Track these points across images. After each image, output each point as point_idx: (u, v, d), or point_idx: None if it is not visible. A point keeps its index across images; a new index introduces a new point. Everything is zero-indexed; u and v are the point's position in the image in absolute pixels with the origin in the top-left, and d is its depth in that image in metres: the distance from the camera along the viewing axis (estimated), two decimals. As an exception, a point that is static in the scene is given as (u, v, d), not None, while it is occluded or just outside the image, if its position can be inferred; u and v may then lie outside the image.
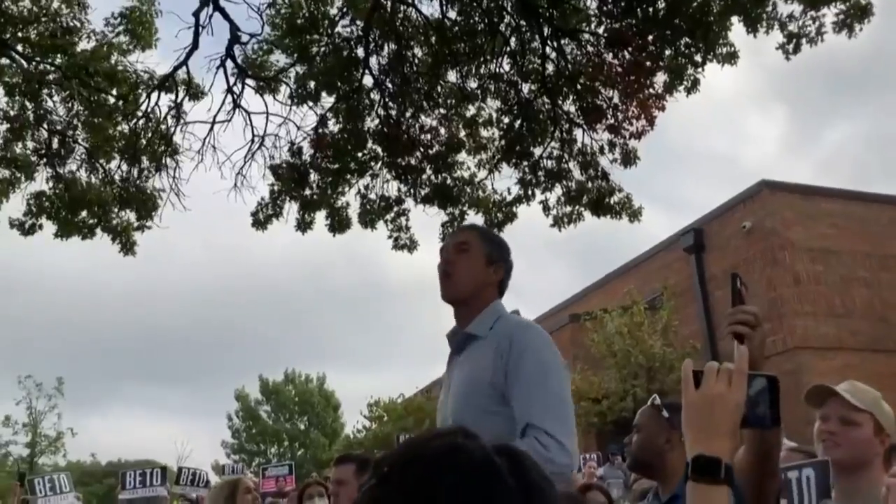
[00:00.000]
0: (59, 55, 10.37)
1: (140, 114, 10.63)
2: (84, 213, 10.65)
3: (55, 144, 10.72)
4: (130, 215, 10.97)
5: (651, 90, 9.70)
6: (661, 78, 9.74)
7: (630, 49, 9.34)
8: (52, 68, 10.44)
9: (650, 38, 9.37)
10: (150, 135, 10.74)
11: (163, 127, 10.75)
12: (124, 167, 10.85)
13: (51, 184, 10.71)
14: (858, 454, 2.54)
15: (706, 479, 1.28)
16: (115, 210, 10.87)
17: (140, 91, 10.68)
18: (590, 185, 10.51)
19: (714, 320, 16.84)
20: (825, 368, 13.61)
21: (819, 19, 8.97)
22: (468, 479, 0.79)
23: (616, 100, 9.88)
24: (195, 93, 10.66)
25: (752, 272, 15.72)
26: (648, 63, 9.47)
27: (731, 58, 9.61)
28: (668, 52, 9.58)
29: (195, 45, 9.97)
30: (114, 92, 10.65)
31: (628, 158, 10.13)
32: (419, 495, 0.78)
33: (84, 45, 10.48)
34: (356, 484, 3.41)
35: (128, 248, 10.98)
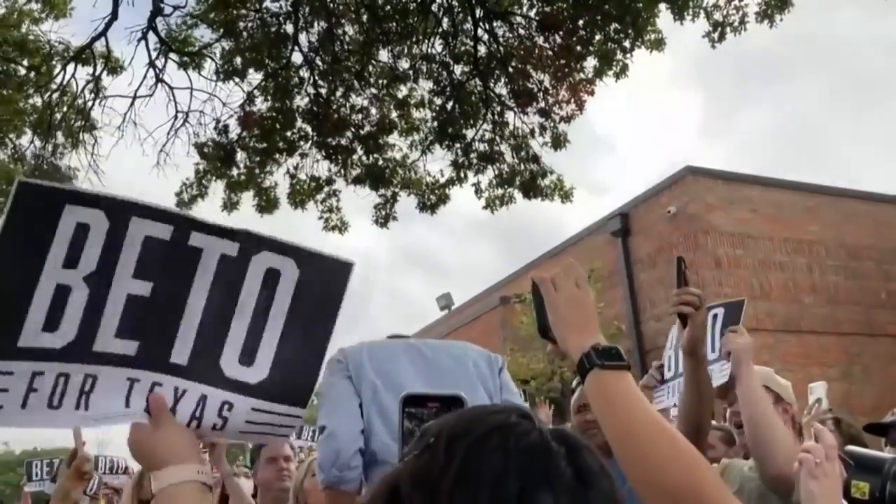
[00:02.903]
0: (-36, 22, 9.76)
1: (54, 87, 10.10)
2: (-8, 191, 10.11)
3: (-39, 116, 10.11)
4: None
5: (581, 74, 9.80)
6: (591, 63, 9.85)
7: (561, 33, 9.40)
8: (-42, 36, 9.82)
9: (581, 22, 9.45)
10: (65, 109, 10.23)
11: (79, 101, 10.25)
12: (37, 143, 10.32)
13: (-44, 159, 10.12)
14: None
15: (613, 365, 1.23)
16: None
17: (54, 63, 10.15)
18: (521, 167, 10.57)
19: (639, 303, 17.29)
20: (743, 348, 14.11)
21: (742, 9, 9.22)
22: (520, 461, 0.74)
23: (547, 83, 9.95)
24: (114, 67, 10.19)
25: (675, 256, 16.15)
26: (579, 47, 9.55)
27: (659, 44, 9.79)
28: (598, 37, 9.68)
29: (114, 15, 9.51)
30: (25, 63, 10.09)
31: (558, 142, 10.22)
32: (465, 472, 0.73)
33: (-8, 11, 9.89)
34: None
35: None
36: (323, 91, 10.41)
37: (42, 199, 1.32)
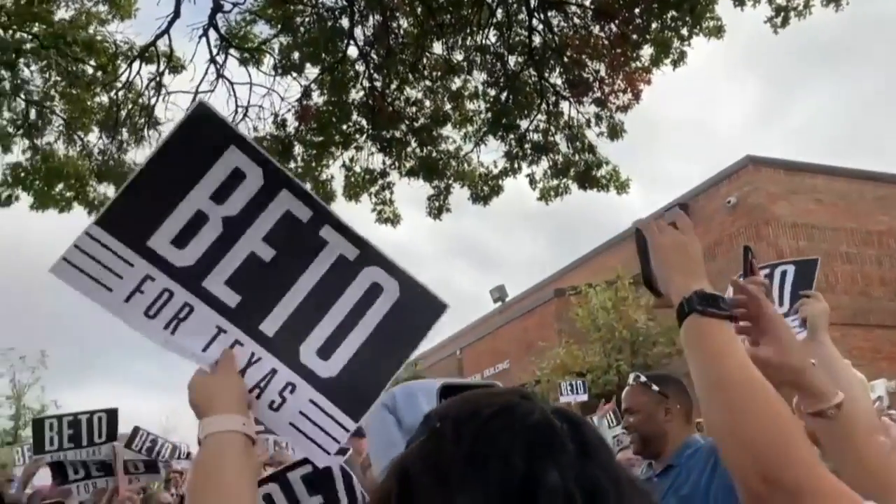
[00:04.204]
0: (36, 24, 10.12)
1: (119, 85, 10.42)
2: (61, 186, 10.47)
3: (32, 115, 10.51)
4: (108, 189, 10.81)
5: (637, 63, 9.64)
6: (647, 51, 9.68)
7: (617, 22, 9.26)
8: (30, 37, 10.19)
9: (637, 10, 9.29)
10: (130, 106, 10.55)
11: (143, 98, 10.56)
12: (103, 140, 10.67)
13: (27, 155, 10.51)
14: None
15: (712, 313, 1.18)
16: (93, 183, 10.70)
17: (119, 62, 10.46)
18: (576, 157, 10.47)
19: (698, 295, 16.98)
20: (806, 342, 13.71)
21: (808, -8, 8.94)
22: (525, 440, 0.76)
23: (603, 73, 9.82)
24: (176, 64, 10.46)
25: (735, 247, 15.79)
26: (635, 36, 9.40)
27: (718, 31, 9.56)
28: (654, 25, 9.50)
29: (177, 13, 9.76)
30: (92, 62, 10.43)
31: (615, 131, 10.09)
32: (473, 453, 0.76)
33: (62, 13, 10.24)
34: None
35: (105, 223, 10.82)
36: (378, 84, 10.49)
37: (212, 127, 1.45)
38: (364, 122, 10.70)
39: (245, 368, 1.44)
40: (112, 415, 5.32)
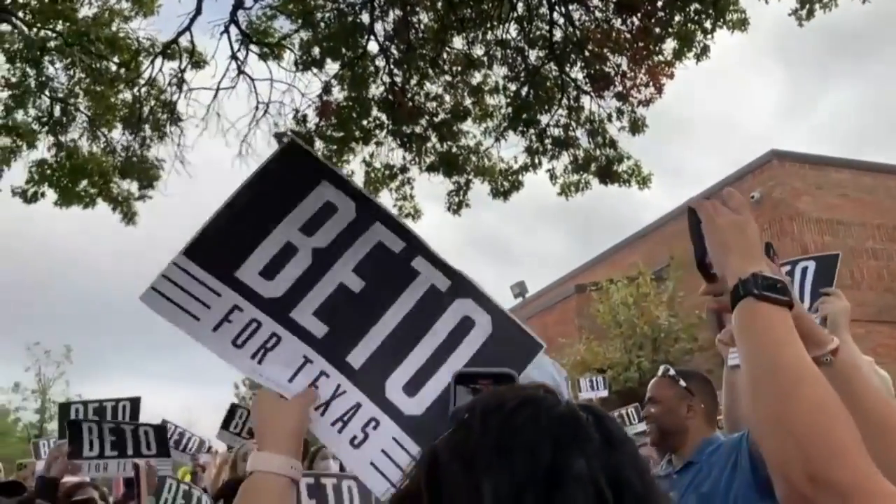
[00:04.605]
0: (60, 22, 10.25)
1: (142, 81, 10.53)
2: (85, 182, 10.60)
3: (57, 112, 10.64)
4: (132, 185, 10.93)
5: (660, 57, 9.54)
6: (670, 45, 9.58)
7: (639, 15, 9.17)
8: (54, 35, 10.32)
9: (659, 3, 9.19)
10: (152, 103, 10.65)
11: (166, 95, 10.65)
12: (127, 136, 10.79)
13: (52, 152, 10.66)
14: None
15: (770, 297, 1.11)
16: (116, 180, 10.82)
17: (142, 58, 10.57)
18: (597, 152, 10.40)
19: (720, 291, 16.82)
20: (831, 339, 13.54)
21: (834, -16, 8.79)
22: (551, 429, 0.79)
23: (624, 66, 9.74)
24: (198, 60, 10.54)
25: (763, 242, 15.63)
26: (657, 29, 9.30)
27: (742, 24, 9.43)
28: (677, 18, 9.39)
29: (198, 10, 9.84)
30: (115, 59, 10.55)
31: (636, 126, 10.00)
32: (500, 442, 0.78)
33: (85, 11, 10.38)
34: None
35: (129, 218, 10.95)
36: (398, 79, 10.49)
37: (305, 164, 1.46)
38: (384, 118, 10.71)
39: (329, 401, 1.41)
40: (135, 403, 5.43)
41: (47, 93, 10.59)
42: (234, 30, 10.23)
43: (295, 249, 1.42)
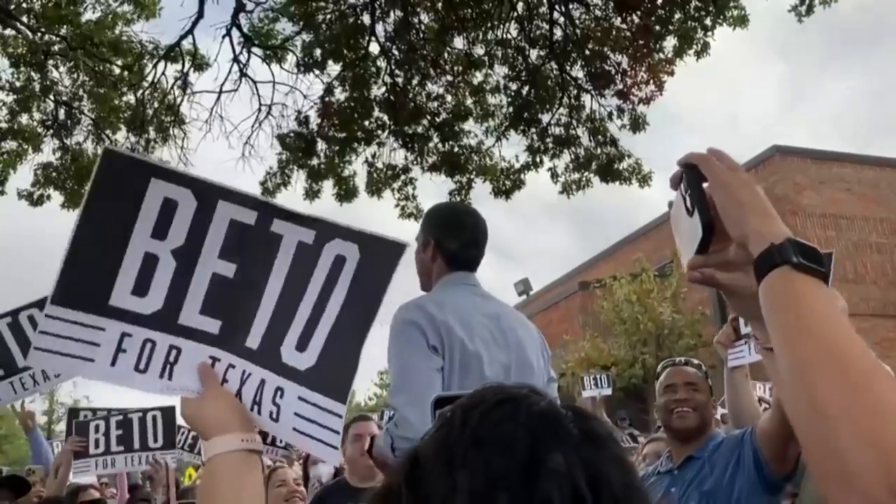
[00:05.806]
0: (63, 25, 10.31)
1: (146, 84, 10.59)
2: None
3: (62, 115, 10.71)
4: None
5: (660, 54, 9.57)
6: (670, 42, 9.60)
7: (639, 13, 9.20)
8: (58, 39, 10.38)
9: (659, 1, 9.22)
10: (156, 105, 10.71)
11: (169, 97, 10.72)
12: (131, 138, 10.84)
13: (58, 155, 10.73)
14: None
15: (811, 268, 0.93)
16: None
17: (145, 61, 10.64)
18: (598, 151, 10.43)
19: (724, 287, 16.82)
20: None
21: (834, -21, 8.81)
22: (530, 425, 0.78)
23: (625, 65, 9.76)
24: (201, 63, 10.61)
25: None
26: (657, 27, 9.33)
27: (742, 21, 9.45)
28: (677, 16, 9.42)
29: (200, 13, 9.90)
30: (119, 62, 10.62)
31: (637, 124, 10.03)
32: (478, 437, 0.78)
33: (89, 15, 10.44)
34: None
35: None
36: (399, 80, 10.53)
37: (128, 169, 1.39)
38: (386, 118, 10.75)
39: (240, 388, 1.42)
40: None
41: (52, 96, 10.66)
42: (235, 33, 10.29)
43: (156, 258, 1.39)
